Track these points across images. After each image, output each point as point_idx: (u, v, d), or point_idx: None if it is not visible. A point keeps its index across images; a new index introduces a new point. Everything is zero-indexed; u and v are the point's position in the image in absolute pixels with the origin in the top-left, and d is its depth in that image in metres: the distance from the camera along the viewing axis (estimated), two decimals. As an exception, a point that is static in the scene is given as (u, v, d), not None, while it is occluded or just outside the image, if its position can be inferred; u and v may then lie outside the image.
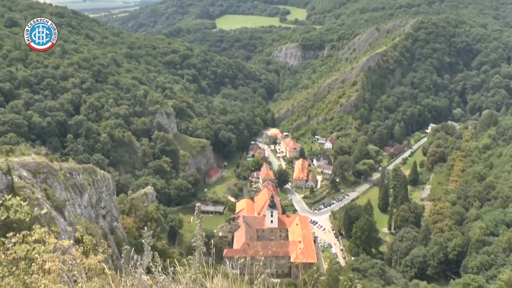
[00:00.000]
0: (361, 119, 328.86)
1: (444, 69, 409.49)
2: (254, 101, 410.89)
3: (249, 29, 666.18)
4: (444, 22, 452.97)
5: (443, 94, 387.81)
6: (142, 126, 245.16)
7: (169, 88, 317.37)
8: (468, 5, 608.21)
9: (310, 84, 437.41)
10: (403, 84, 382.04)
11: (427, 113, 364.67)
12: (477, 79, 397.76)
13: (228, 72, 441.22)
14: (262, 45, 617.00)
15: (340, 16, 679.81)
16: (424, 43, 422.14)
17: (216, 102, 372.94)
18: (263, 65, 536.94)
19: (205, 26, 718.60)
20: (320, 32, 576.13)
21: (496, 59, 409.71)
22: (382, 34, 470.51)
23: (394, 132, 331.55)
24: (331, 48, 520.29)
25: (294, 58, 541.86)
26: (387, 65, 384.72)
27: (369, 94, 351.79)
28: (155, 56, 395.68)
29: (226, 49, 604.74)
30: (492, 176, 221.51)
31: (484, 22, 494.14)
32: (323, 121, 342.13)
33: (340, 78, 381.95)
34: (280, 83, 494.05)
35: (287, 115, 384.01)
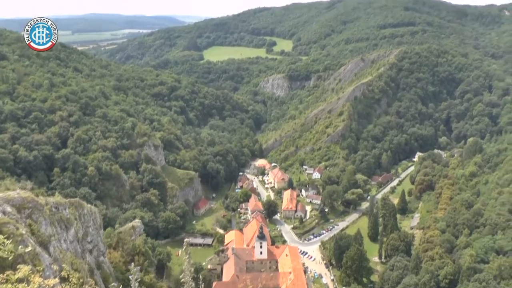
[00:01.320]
0: (349, 149, 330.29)
1: (428, 98, 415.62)
2: (242, 132, 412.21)
3: (236, 60, 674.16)
4: (427, 52, 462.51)
5: (428, 123, 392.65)
6: (130, 158, 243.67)
7: (157, 120, 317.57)
8: (450, 35, 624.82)
9: (297, 114, 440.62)
10: (389, 114, 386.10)
11: (414, 142, 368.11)
12: (461, 108, 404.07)
13: (216, 103, 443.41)
14: (249, 76, 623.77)
15: (325, 47, 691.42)
16: (408, 73, 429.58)
17: (204, 134, 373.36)
18: (251, 96, 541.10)
19: (193, 57, 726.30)
20: (306, 63, 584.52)
21: (478, 88, 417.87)
22: (367, 64, 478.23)
23: (381, 161, 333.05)
24: (317, 79, 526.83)
25: (281, 88, 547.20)
26: (372, 95, 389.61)
27: (356, 124, 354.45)
28: (143, 88, 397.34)
29: (213, 80, 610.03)
30: (480, 203, 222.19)
31: (465, 52, 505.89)
32: (310, 151, 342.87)
33: (326, 108, 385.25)
34: (268, 113, 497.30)
35: (275, 146, 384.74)
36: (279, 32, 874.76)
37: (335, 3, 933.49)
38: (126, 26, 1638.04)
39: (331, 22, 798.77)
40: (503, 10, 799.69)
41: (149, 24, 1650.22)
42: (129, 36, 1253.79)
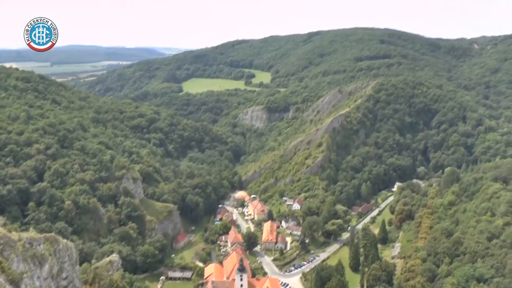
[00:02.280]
0: (328, 180, 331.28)
1: (405, 129, 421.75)
2: (221, 164, 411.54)
3: (215, 92, 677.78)
4: (403, 84, 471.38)
5: (406, 153, 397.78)
6: (108, 192, 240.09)
7: (136, 153, 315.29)
8: (424, 67, 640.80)
9: (276, 146, 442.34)
10: (368, 144, 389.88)
11: (392, 172, 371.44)
12: (437, 138, 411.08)
13: (195, 136, 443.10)
14: (228, 108, 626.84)
15: (303, 79, 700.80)
16: (385, 104, 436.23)
17: (183, 166, 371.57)
18: (230, 128, 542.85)
19: (172, 89, 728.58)
20: (284, 94, 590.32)
21: (453, 119, 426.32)
22: (344, 96, 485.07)
23: (361, 191, 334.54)
24: (296, 110, 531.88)
25: (259, 120, 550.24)
26: (351, 126, 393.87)
27: (335, 155, 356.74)
28: (122, 120, 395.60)
29: (192, 112, 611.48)
30: (459, 231, 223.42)
31: (440, 83, 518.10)
32: (290, 183, 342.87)
33: (305, 140, 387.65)
34: (247, 145, 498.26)
35: (254, 177, 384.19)
36: (258, 64, 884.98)
37: (312, 36, 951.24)
38: (106, 58, 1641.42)
39: (309, 55, 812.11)
40: (472, 43, 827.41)
41: (129, 55, 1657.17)
42: (108, 67, 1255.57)
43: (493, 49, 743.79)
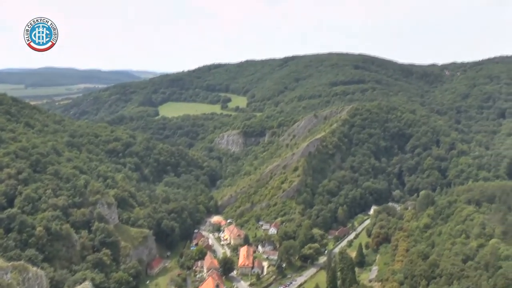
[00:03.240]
0: (305, 204, 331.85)
1: (380, 153, 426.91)
2: (197, 188, 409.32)
3: (191, 116, 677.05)
4: (377, 109, 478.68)
5: (382, 177, 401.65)
6: (82, 217, 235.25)
7: (111, 177, 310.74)
8: (398, 92, 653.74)
9: (252, 170, 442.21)
10: (343, 168, 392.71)
11: (368, 196, 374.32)
12: (411, 162, 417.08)
13: (171, 160, 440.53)
14: (204, 132, 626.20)
15: (279, 103, 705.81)
16: (360, 129, 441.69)
17: (158, 191, 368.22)
18: (206, 152, 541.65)
19: (148, 113, 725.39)
20: (260, 119, 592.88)
21: (427, 143, 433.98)
22: (320, 120, 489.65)
23: (337, 215, 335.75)
24: (272, 135, 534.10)
25: (236, 145, 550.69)
26: (326, 150, 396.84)
27: (311, 179, 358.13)
28: (97, 144, 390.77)
29: (168, 136, 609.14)
30: (435, 254, 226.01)
31: (413, 108, 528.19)
32: (266, 207, 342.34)
33: (281, 164, 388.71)
34: (223, 170, 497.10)
35: (230, 202, 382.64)
36: (234, 88, 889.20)
37: (288, 61, 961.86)
38: (82, 81, 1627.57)
39: (284, 79, 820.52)
40: (444, 70, 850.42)
41: (105, 79, 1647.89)
42: (84, 90, 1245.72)
43: (462, 75, 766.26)
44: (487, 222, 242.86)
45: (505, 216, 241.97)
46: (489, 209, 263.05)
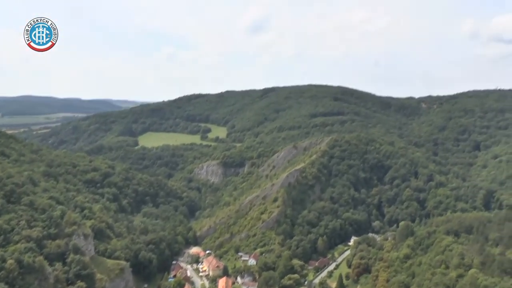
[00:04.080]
0: (284, 235, 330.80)
1: (360, 184, 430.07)
2: (175, 219, 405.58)
3: (171, 147, 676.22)
4: (356, 140, 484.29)
5: (361, 207, 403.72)
6: (57, 249, 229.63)
7: (88, 208, 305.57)
8: (376, 124, 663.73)
9: (231, 201, 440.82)
10: (323, 199, 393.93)
11: (348, 226, 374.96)
12: (390, 193, 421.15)
13: (150, 190, 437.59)
14: (183, 163, 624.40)
15: (259, 134, 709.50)
16: (340, 160, 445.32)
17: (136, 222, 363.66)
18: (185, 183, 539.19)
19: (128, 143, 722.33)
20: (240, 149, 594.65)
21: (405, 174, 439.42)
22: (299, 151, 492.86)
23: (317, 246, 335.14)
24: (251, 165, 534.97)
25: (215, 175, 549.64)
26: (306, 181, 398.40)
27: (291, 210, 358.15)
28: (75, 174, 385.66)
29: (148, 166, 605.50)
30: (415, 284, 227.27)
31: (392, 140, 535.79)
32: (246, 238, 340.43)
33: (261, 195, 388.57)
34: (202, 200, 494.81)
35: (209, 233, 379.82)
36: (214, 119, 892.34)
37: (267, 92, 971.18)
38: (61, 110, 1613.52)
39: (264, 110, 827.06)
40: (420, 102, 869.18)
41: (85, 108, 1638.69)
42: (63, 120, 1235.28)
43: (439, 108, 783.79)
44: (466, 252, 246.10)
45: (483, 247, 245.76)
46: (467, 239, 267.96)
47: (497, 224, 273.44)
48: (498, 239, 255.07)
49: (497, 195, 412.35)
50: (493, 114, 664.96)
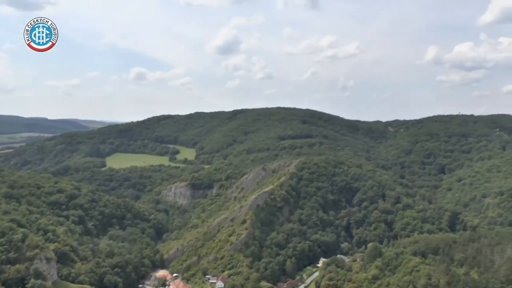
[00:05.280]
0: (252, 256, 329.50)
1: (328, 206, 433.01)
2: (142, 242, 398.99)
3: (138, 168, 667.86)
4: (325, 163, 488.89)
5: (330, 229, 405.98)
6: (16, 274, 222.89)
7: (52, 231, 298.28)
8: (344, 147, 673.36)
9: (199, 223, 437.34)
10: (292, 221, 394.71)
11: (317, 248, 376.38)
12: (359, 215, 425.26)
13: (117, 212, 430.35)
14: (151, 184, 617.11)
15: (227, 156, 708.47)
16: (308, 182, 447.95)
17: (102, 244, 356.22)
18: (152, 205, 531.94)
19: (95, 164, 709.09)
20: (208, 171, 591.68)
21: (373, 196, 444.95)
22: (268, 173, 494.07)
23: (286, 267, 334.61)
24: (220, 187, 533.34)
25: (183, 197, 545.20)
26: (275, 203, 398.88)
27: (259, 232, 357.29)
28: (39, 196, 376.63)
29: (115, 188, 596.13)
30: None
31: (360, 163, 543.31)
32: (213, 260, 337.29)
33: (229, 217, 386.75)
34: (170, 222, 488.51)
35: (177, 256, 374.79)
36: (183, 140, 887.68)
37: (236, 114, 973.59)
38: (26, 129, 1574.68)
39: (233, 132, 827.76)
40: (387, 126, 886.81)
41: (51, 127, 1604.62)
42: (28, 140, 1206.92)
43: (405, 132, 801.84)
44: (432, 273, 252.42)
45: (448, 267, 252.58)
46: (434, 260, 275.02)
47: (462, 245, 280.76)
48: (463, 259, 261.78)
49: (462, 217, 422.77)
50: (456, 138, 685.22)
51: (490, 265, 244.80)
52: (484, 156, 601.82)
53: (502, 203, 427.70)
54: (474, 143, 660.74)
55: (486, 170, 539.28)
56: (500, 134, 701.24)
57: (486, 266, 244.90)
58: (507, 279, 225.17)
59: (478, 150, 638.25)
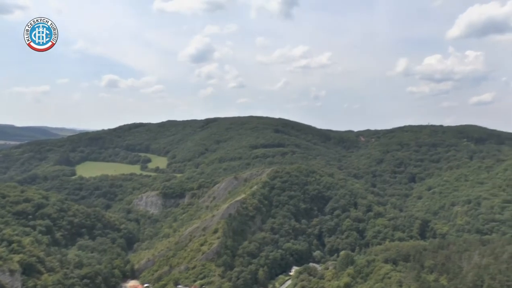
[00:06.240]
0: (224, 266, 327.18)
1: (301, 215, 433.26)
2: (113, 252, 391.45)
3: (109, 177, 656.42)
4: (297, 172, 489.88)
5: (302, 238, 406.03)
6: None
7: (17, 241, 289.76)
8: (316, 156, 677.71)
9: (171, 232, 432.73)
10: (264, 230, 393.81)
11: (289, 257, 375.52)
12: (331, 223, 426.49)
13: (86, 222, 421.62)
14: (122, 193, 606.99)
15: (200, 165, 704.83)
16: (281, 191, 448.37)
17: (71, 255, 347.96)
18: (123, 214, 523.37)
19: (64, 173, 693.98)
20: (180, 180, 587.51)
21: (345, 205, 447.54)
22: (240, 182, 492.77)
23: (258, 277, 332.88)
24: (192, 196, 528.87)
25: (154, 206, 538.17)
26: (247, 212, 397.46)
27: (231, 241, 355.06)
28: (3, 205, 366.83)
29: (85, 197, 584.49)
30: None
31: (332, 172, 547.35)
32: (185, 270, 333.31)
33: (201, 226, 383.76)
34: (141, 232, 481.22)
35: (148, 266, 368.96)
36: (154, 149, 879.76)
37: (209, 122, 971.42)
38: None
39: (205, 141, 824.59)
40: (359, 136, 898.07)
41: (18, 135, 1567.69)
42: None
43: (377, 141, 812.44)
44: (403, 279, 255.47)
45: (419, 274, 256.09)
46: (404, 267, 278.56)
47: (432, 252, 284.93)
48: (433, 266, 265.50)
49: (431, 225, 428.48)
50: (426, 148, 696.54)
51: (458, 271, 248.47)
52: (453, 166, 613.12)
53: (470, 211, 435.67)
54: (443, 153, 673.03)
55: (454, 179, 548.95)
56: (468, 144, 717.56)
57: (455, 272, 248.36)
58: (474, 284, 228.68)
59: (447, 159, 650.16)
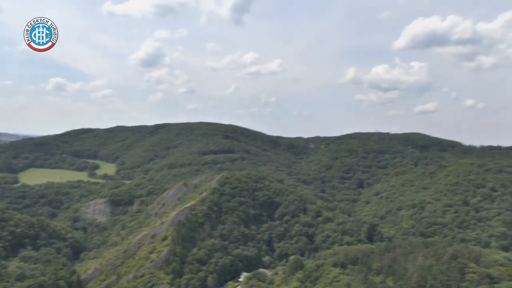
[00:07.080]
0: (173, 274, 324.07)
1: (250, 221, 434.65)
2: (58, 262, 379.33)
3: (55, 184, 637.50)
4: (247, 178, 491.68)
5: (251, 243, 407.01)
6: None
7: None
8: (266, 162, 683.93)
9: (119, 241, 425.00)
10: (213, 237, 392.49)
11: (239, 263, 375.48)
12: (280, 229, 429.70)
13: (30, 232, 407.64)
14: (69, 201, 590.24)
15: (149, 171, 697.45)
16: (230, 197, 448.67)
17: (12, 267, 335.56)
18: (70, 223, 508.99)
19: (6, 180, 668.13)
20: (129, 187, 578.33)
21: (294, 210, 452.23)
22: (190, 189, 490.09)
23: (207, 283, 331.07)
24: (141, 203, 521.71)
25: (102, 214, 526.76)
26: (196, 219, 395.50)
27: (180, 248, 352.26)
28: None
29: (29, 206, 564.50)
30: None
31: (281, 178, 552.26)
32: (133, 279, 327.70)
33: (150, 234, 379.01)
34: (88, 241, 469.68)
35: (95, 275, 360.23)
36: (103, 155, 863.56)
37: (159, 128, 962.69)
38: None
39: (155, 147, 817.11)
40: (309, 142, 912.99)
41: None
42: None
43: (326, 148, 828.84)
44: (351, 282, 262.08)
45: (366, 276, 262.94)
46: (353, 270, 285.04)
47: (379, 255, 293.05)
48: (380, 268, 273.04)
49: (379, 229, 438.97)
50: (374, 154, 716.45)
51: (403, 272, 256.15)
52: (399, 172, 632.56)
53: (414, 215, 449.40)
54: (390, 159, 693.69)
55: (400, 185, 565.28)
56: (413, 151, 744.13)
57: (400, 274, 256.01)
58: (418, 285, 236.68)
59: (393, 166, 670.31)
